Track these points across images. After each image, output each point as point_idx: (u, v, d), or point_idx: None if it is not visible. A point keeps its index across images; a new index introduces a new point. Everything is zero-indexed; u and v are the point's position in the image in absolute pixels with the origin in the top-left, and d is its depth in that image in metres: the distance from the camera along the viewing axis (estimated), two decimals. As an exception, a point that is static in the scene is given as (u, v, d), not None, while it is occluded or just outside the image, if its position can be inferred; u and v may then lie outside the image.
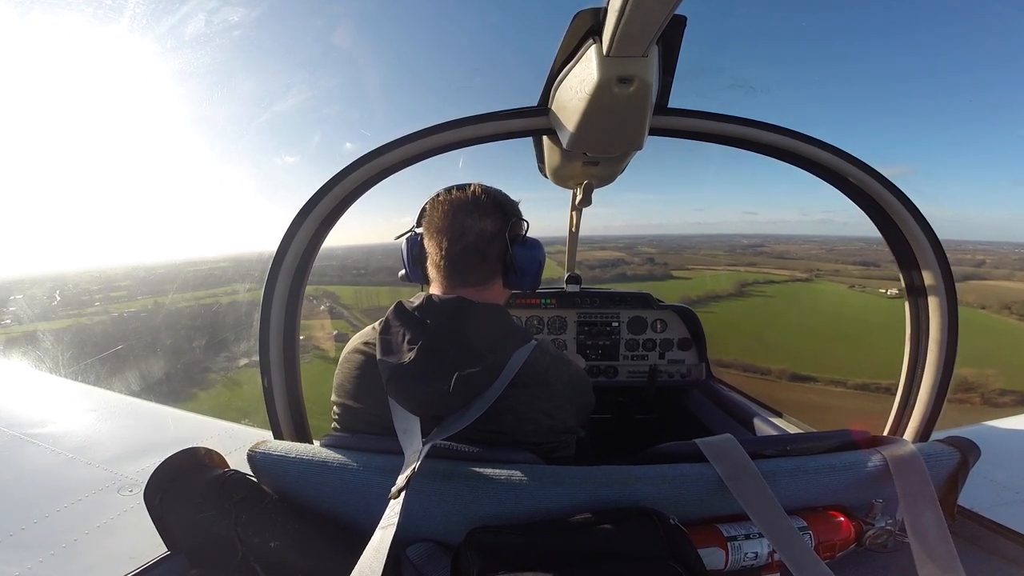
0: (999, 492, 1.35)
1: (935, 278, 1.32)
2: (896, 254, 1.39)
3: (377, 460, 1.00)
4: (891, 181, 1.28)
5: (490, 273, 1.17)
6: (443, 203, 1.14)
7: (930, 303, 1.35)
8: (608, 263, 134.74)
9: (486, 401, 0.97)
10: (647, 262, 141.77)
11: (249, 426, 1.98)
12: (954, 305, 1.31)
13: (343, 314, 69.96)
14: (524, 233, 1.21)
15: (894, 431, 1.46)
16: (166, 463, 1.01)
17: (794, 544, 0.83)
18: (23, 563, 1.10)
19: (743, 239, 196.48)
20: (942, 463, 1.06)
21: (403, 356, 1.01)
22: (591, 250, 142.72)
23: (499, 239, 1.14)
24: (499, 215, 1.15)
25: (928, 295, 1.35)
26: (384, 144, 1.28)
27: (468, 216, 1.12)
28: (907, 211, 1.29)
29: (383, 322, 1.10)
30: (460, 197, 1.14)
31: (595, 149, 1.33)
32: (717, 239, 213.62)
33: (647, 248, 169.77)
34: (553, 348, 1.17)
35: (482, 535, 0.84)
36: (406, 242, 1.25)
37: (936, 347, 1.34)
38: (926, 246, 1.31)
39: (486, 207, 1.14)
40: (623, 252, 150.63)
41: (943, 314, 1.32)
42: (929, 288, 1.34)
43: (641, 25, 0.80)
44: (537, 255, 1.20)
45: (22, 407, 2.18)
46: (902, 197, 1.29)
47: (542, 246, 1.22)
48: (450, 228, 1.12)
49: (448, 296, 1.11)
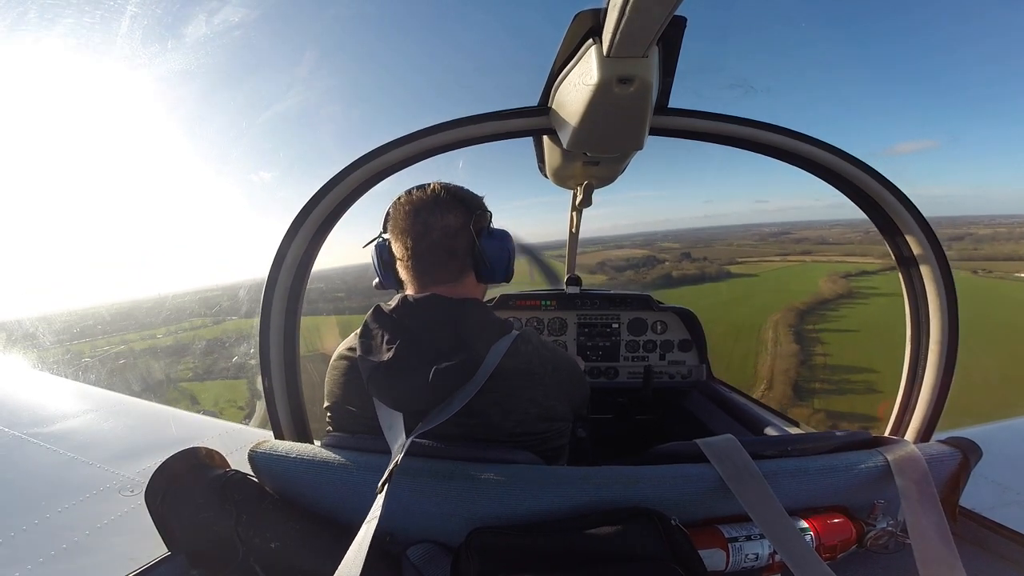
0: (1000, 493, 1.35)
1: (935, 279, 1.32)
2: (896, 254, 1.39)
3: (377, 460, 0.99)
4: (891, 181, 1.28)
5: (460, 268, 1.17)
6: (404, 204, 1.15)
7: (930, 304, 1.35)
8: (637, 262, 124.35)
9: (467, 393, 0.97)
10: (683, 258, 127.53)
11: (250, 426, 1.99)
12: (954, 306, 1.31)
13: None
14: (489, 224, 1.21)
15: (895, 431, 1.45)
16: (167, 463, 1.02)
17: (795, 545, 0.83)
18: (24, 563, 1.10)
19: (764, 227, 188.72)
20: (944, 464, 1.06)
21: (382, 355, 1.02)
22: (608, 249, 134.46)
23: (464, 233, 1.14)
24: (461, 209, 1.15)
25: (928, 295, 1.35)
26: (384, 144, 1.28)
27: (430, 214, 1.13)
28: (907, 211, 1.29)
29: (363, 326, 1.11)
30: (420, 196, 1.15)
31: (595, 149, 1.33)
32: (736, 229, 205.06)
33: (669, 244, 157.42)
34: (536, 337, 1.16)
35: (482, 536, 0.84)
36: (375, 248, 1.25)
37: (937, 347, 1.34)
38: (926, 246, 1.31)
39: (447, 203, 1.14)
40: (645, 249, 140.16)
41: (944, 315, 1.32)
42: (929, 289, 1.34)
43: (641, 26, 0.80)
44: (506, 245, 1.20)
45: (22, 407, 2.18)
46: (902, 197, 1.29)
47: (510, 236, 1.21)
48: (413, 227, 1.13)
49: (421, 295, 1.11)
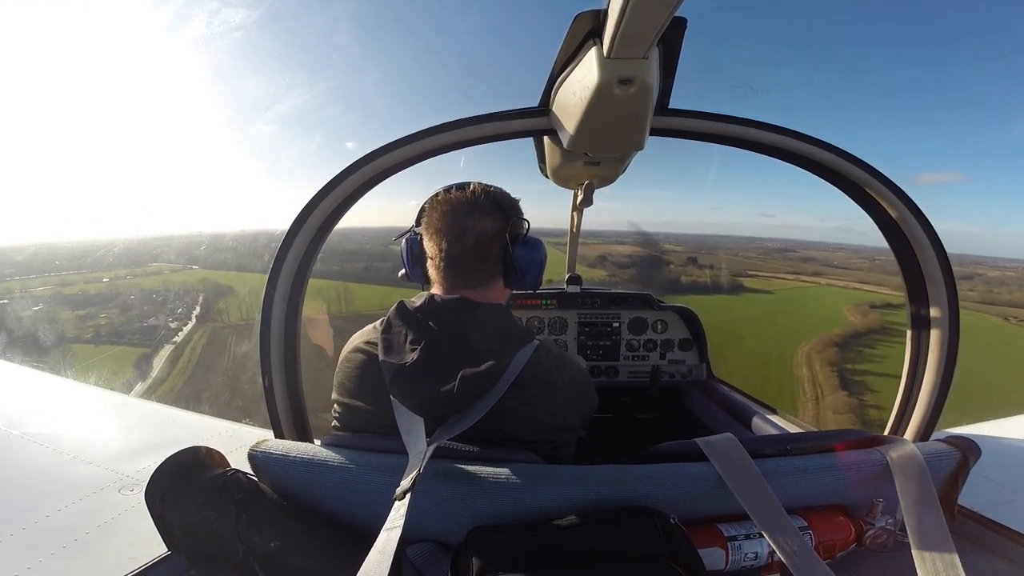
0: (999, 492, 1.35)
1: (936, 277, 1.32)
2: (897, 253, 1.40)
3: (378, 459, 1.00)
4: (893, 181, 1.29)
5: (490, 274, 1.16)
6: (442, 203, 1.13)
7: (931, 302, 1.35)
8: (640, 260, 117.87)
9: (489, 401, 0.97)
10: (689, 263, 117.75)
11: (250, 425, 1.99)
12: (955, 304, 1.32)
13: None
14: (525, 233, 1.21)
15: (894, 430, 1.46)
16: (167, 462, 1.01)
17: (794, 544, 0.83)
18: (23, 563, 1.10)
19: (767, 242, 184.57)
20: (943, 463, 1.06)
21: (405, 356, 1.01)
22: (608, 243, 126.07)
23: (499, 240, 1.13)
24: (499, 215, 1.14)
25: (929, 294, 1.35)
26: (385, 144, 1.28)
27: (468, 217, 1.11)
28: (909, 211, 1.30)
29: (385, 321, 1.10)
30: (459, 197, 1.13)
31: (596, 150, 1.33)
32: (739, 240, 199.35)
33: (672, 246, 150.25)
34: (556, 348, 1.17)
35: (482, 535, 0.84)
36: (406, 242, 1.24)
37: (937, 347, 1.34)
38: (927, 245, 1.32)
39: (485, 207, 1.13)
40: (647, 248, 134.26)
41: (944, 313, 1.32)
42: (930, 287, 1.34)
43: (641, 27, 0.80)
44: (538, 255, 1.19)
45: (22, 407, 2.18)
46: (903, 197, 1.30)
47: (543, 245, 1.21)
48: (449, 230, 1.11)
49: (450, 296, 1.10)
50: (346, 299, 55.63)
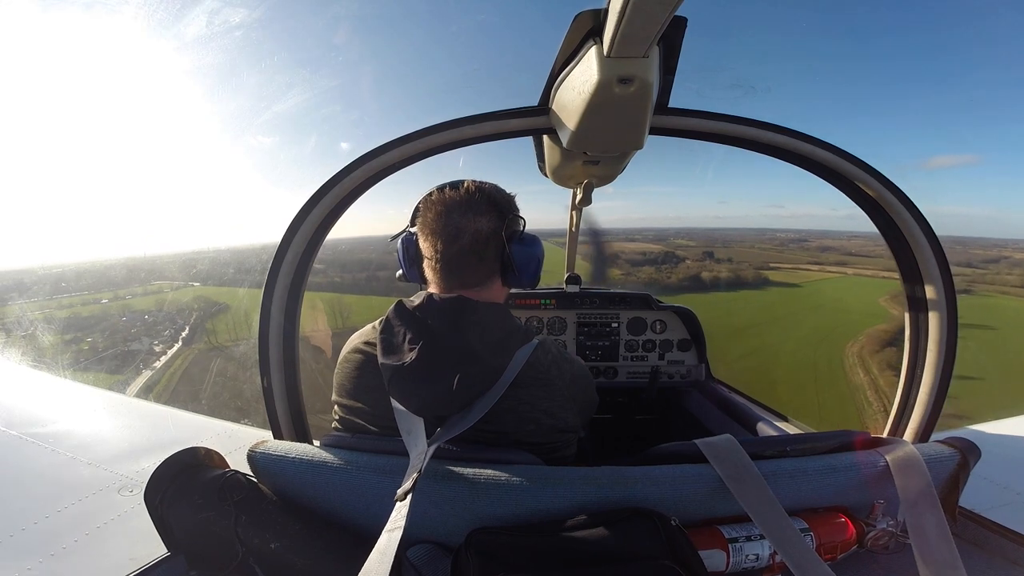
0: (1000, 493, 1.35)
1: (935, 278, 1.32)
2: (895, 253, 1.39)
3: (376, 460, 0.99)
4: (891, 181, 1.28)
5: (488, 273, 1.15)
6: (436, 203, 1.11)
7: (929, 303, 1.35)
8: (655, 257, 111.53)
9: (488, 401, 0.96)
10: (706, 257, 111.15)
11: (249, 426, 1.98)
12: (953, 305, 1.31)
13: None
14: (521, 230, 1.18)
15: (894, 432, 1.46)
16: (166, 463, 1.01)
17: (796, 546, 0.83)
18: (23, 564, 1.10)
19: (779, 233, 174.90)
20: (943, 464, 1.06)
21: (404, 356, 1.00)
22: (619, 241, 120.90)
23: (495, 238, 1.12)
24: (494, 214, 1.12)
25: (927, 295, 1.35)
26: (384, 143, 1.27)
27: (462, 216, 1.09)
28: (907, 211, 1.29)
29: (383, 321, 1.09)
30: (453, 196, 1.11)
31: (595, 148, 1.33)
32: (751, 232, 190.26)
33: (684, 241, 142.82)
34: (555, 347, 1.16)
35: (482, 536, 0.84)
36: (401, 242, 1.23)
37: (935, 348, 1.34)
38: (925, 245, 1.31)
39: (480, 206, 1.11)
40: (660, 244, 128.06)
41: (943, 314, 1.32)
42: (928, 288, 1.34)
43: (642, 26, 0.80)
44: (535, 252, 1.17)
45: (22, 407, 2.18)
46: (902, 196, 1.29)
47: (540, 242, 1.19)
48: (444, 230, 1.10)
49: (448, 296, 1.10)
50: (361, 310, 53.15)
